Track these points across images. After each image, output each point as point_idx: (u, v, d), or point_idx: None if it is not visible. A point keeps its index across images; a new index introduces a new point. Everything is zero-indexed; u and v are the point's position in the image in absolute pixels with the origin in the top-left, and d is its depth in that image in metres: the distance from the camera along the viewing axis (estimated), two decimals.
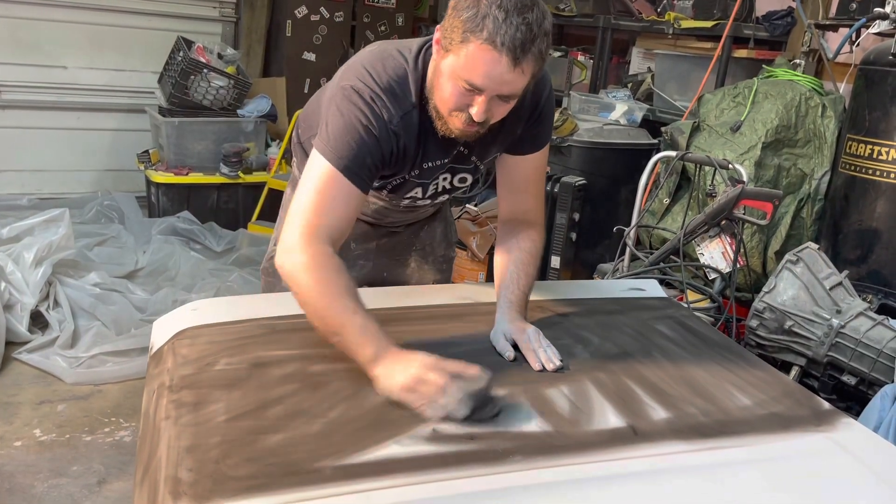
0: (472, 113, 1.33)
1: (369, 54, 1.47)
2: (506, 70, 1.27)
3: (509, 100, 1.35)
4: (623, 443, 1.16)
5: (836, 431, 1.25)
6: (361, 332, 1.27)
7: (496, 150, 1.60)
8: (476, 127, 1.37)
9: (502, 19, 1.23)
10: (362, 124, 1.39)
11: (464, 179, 1.66)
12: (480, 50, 1.25)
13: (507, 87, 1.30)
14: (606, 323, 1.60)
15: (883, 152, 2.64)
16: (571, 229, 3.51)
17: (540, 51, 1.28)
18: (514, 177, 1.62)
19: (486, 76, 1.28)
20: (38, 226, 3.32)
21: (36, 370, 2.90)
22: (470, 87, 1.30)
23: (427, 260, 1.97)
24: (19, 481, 2.29)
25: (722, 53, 3.71)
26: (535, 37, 1.26)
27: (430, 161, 1.54)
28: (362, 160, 1.39)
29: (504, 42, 1.24)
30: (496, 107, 1.34)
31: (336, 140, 1.39)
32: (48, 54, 4.65)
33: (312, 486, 1.00)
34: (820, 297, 2.32)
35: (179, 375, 1.27)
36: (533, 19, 1.26)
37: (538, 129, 1.57)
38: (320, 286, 1.31)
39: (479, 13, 1.25)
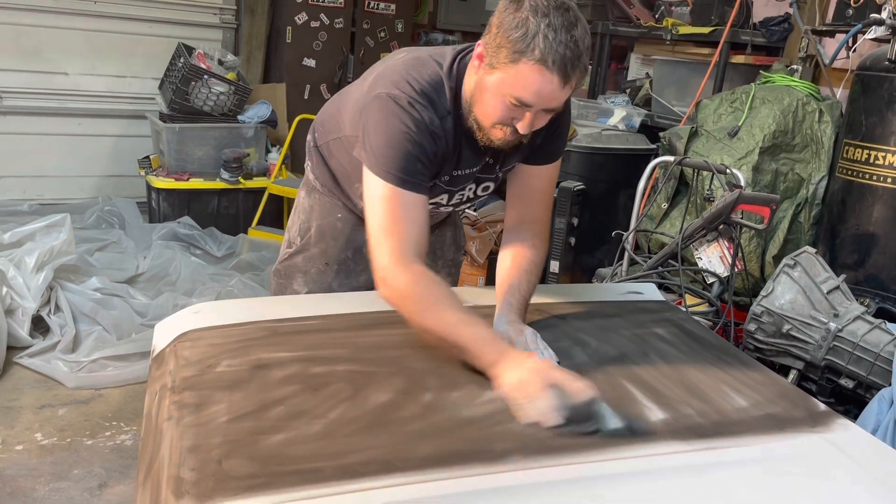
0: (518, 126, 1.38)
1: (403, 62, 1.50)
2: (556, 88, 1.32)
3: (553, 112, 1.40)
4: (620, 443, 1.17)
5: (831, 432, 1.26)
6: (478, 340, 1.32)
7: (516, 160, 1.63)
8: (518, 138, 1.42)
9: (552, 38, 1.28)
10: (404, 132, 1.41)
11: (486, 188, 1.70)
12: (532, 69, 1.30)
13: (554, 102, 1.36)
14: (604, 326, 1.61)
15: (880, 157, 2.65)
16: (570, 234, 3.52)
17: (585, 66, 1.33)
18: (527, 186, 1.65)
19: (536, 94, 1.33)
20: (40, 231, 3.34)
21: (37, 374, 2.91)
22: (518, 102, 1.35)
23: (437, 263, 1.98)
24: (20, 485, 2.30)
25: (719, 59, 3.73)
26: (581, 53, 1.31)
27: (461, 169, 1.57)
28: (414, 167, 1.42)
29: (555, 61, 1.28)
30: (539, 120, 1.40)
31: (383, 155, 1.42)
32: (49, 61, 4.67)
33: (313, 486, 1.01)
34: (817, 300, 2.33)
35: (181, 377, 1.28)
36: (579, 36, 1.30)
37: (556, 141, 1.61)
38: (426, 307, 1.36)
39: (529, 33, 1.28)
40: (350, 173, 1.75)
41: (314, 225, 1.87)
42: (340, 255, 1.87)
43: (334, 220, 1.85)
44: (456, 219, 2.05)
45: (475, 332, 1.33)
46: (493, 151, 1.55)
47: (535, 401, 1.19)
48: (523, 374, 1.23)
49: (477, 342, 1.32)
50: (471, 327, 1.33)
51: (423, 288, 1.38)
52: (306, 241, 1.88)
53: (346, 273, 1.88)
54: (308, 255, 1.88)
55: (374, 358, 1.38)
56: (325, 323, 1.52)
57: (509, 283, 1.55)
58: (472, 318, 1.34)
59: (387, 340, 1.46)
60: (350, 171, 1.74)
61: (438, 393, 1.27)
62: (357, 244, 1.86)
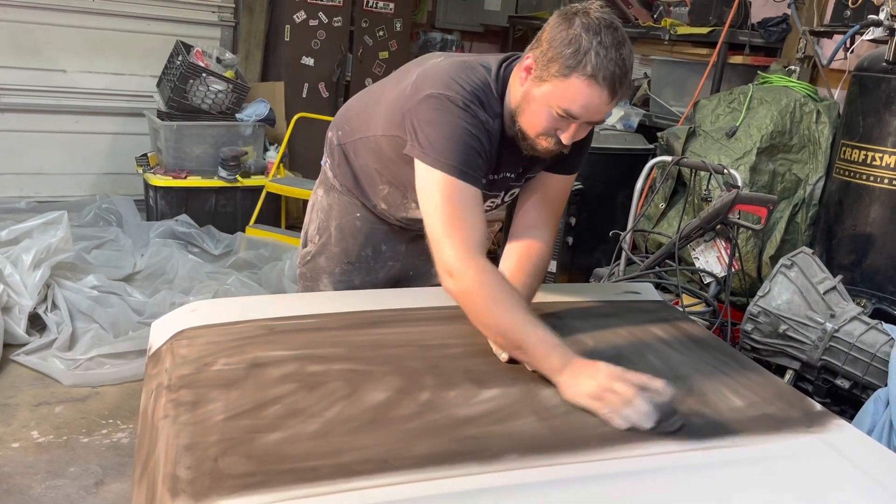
0: (562, 137, 1.44)
1: (450, 65, 1.53)
2: (605, 102, 1.38)
3: (595, 125, 1.48)
4: (616, 443, 1.17)
5: (827, 433, 1.26)
6: (543, 344, 1.31)
7: (539, 169, 1.66)
8: (560, 148, 1.48)
9: (604, 55, 1.34)
10: (464, 128, 1.44)
11: (513, 195, 1.73)
12: (583, 84, 1.36)
13: (599, 115, 1.42)
14: (601, 325, 1.62)
15: (877, 158, 2.66)
16: (568, 233, 3.53)
17: (630, 82, 1.42)
18: (543, 194, 1.67)
19: (584, 107, 1.39)
20: (37, 228, 3.33)
21: (34, 372, 2.91)
22: (565, 114, 1.40)
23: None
24: (17, 482, 2.30)
25: (717, 59, 3.74)
26: (627, 71, 1.38)
27: (499, 173, 1.61)
28: (474, 161, 1.45)
29: (605, 77, 1.35)
30: (581, 131, 1.46)
31: (443, 148, 1.43)
32: (47, 58, 4.66)
33: (309, 484, 1.01)
34: (814, 301, 2.34)
35: (178, 375, 1.28)
36: (626, 55, 1.37)
37: (579, 153, 1.64)
38: (494, 304, 1.36)
39: (582, 49, 1.34)
40: (374, 174, 1.76)
41: (334, 224, 1.88)
42: (361, 254, 1.89)
43: (353, 218, 1.86)
44: None
45: (540, 335, 1.32)
46: (528, 160, 1.59)
47: (630, 406, 1.20)
48: (603, 380, 1.23)
49: (541, 346, 1.31)
50: (536, 330, 1.32)
51: (491, 285, 1.38)
52: (326, 241, 1.89)
53: (367, 271, 1.91)
54: (329, 254, 1.90)
55: (371, 357, 1.38)
56: (322, 322, 1.52)
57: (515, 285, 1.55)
58: (536, 321, 1.34)
59: (383, 339, 1.46)
60: (376, 171, 1.75)
61: (435, 392, 1.27)
62: (375, 242, 1.88)
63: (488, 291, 1.37)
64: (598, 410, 1.22)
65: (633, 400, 1.20)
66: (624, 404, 1.20)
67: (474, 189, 1.44)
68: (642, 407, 1.19)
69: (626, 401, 1.20)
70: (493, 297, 1.36)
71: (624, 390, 1.21)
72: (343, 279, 1.90)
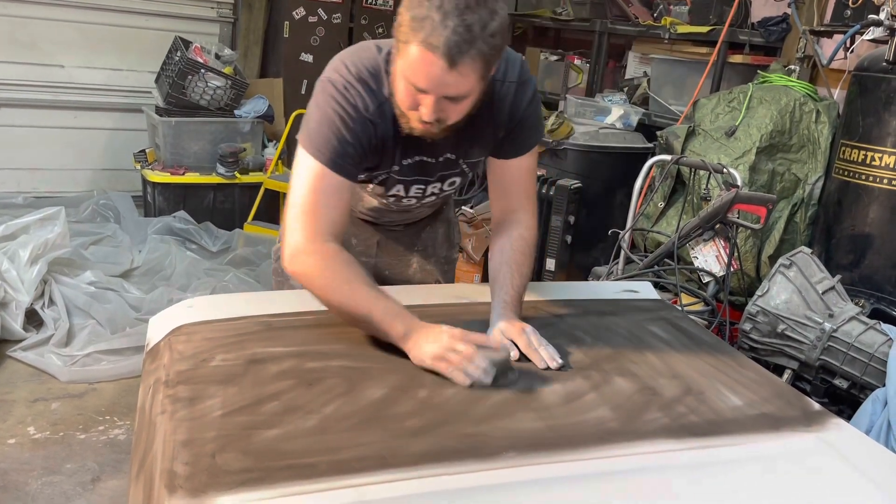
0: (422, 113, 1.35)
1: (349, 49, 1.50)
2: (443, 72, 1.27)
3: (459, 101, 1.35)
4: (615, 440, 1.17)
5: (825, 432, 1.26)
6: (387, 313, 1.35)
7: (479, 154, 1.62)
8: (431, 126, 1.38)
9: (439, 20, 1.23)
10: (338, 114, 1.41)
11: (453, 183, 1.69)
12: (419, 52, 1.27)
13: (449, 88, 1.31)
14: (600, 324, 1.61)
15: (876, 158, 2.66)
16: (567, 232, 3.53)
17: (481, 52, 1.27)
18: (503, 179, 1.64)
19: (425, 78, 1.29)
20: (34, 224, 3.32)
21: (30, 368, 2.90)
22: (416, 88, 1.32)
23: (429, 261, 1.97)
24: (13, 479, 2.29)
25: (717, 58, 3.73)
26: (474, 38, 1.25)
27: (411, 157, 1.55)
28: (343, 150, 1.42)
29: (439, 45, 1.24)
30: (448, 108, 1.35)
31: (316, 134, 1.42)
32: (45, 53, 4.65)
33: (307, 481, 1.00)
34: (813, 301, 2.34)
35: (175, 371, 1.28)
36: (474, 20, 1.24)
37: (521, 134, 1.57)
38: (337, 281, 1.38)
39: (421, 14, 1.25)
40: None
41: None
42: None
43: None
44: (449, 216, 2.04)
45: (384, 306, 1.36)
46: (453, 144, 1.53)
47: (471, 363, 1.27)
48: (446, 341, 1.29)
49: (387, 316, 1.35)
50: (380, 302, 1.36)
51: (336, 266, 1.39)
52: None
53: None
54: None
55: (369, 354, 1.38)
56: (320, 318, 1.51)
57: (500, 279, 1.54)
58: (381, 294, 1.38)
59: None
60: None
61: (433, 389, 1.27)
62: (345, 236, 1.85)
63: (329, 273, 1.39)
64: (443, 370, 1.29)
65: (474, 357, 1.27)
66: (464, 362, 1.27)
67: (340, 178, 1.43)
68: (482, 363, 1.27)
69: (468, 358, 1.27)
70: (332, 277, 1.38)
71: (464, 349, 1.28)
72: None
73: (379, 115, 1.45)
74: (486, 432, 1.16)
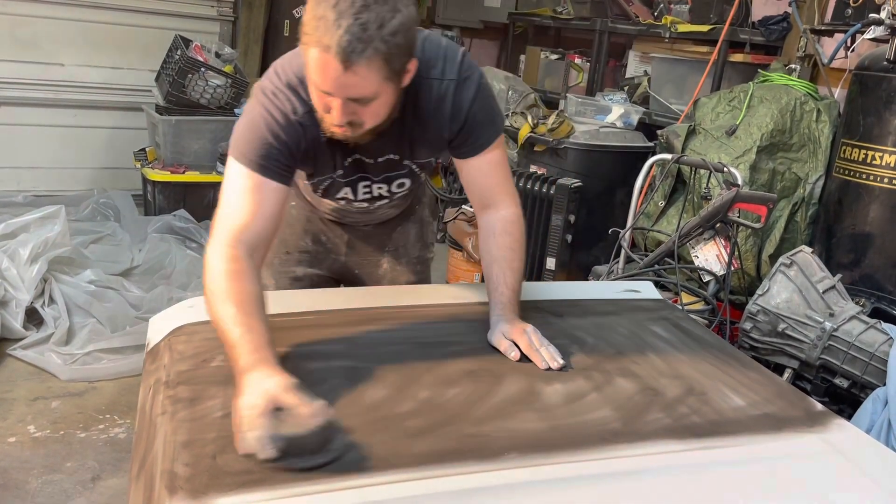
0: (332, 116, 1.31)
1: (283, 56, 1.49)
2: (340, 74, 1.23)
3: (366, 103, 1.30)
4: (617, 441, 1.16)
5: (828, 432, 1.26)
6: (238, 345, 1.20)
7: (427, 154, 1.58)
8: (346, 130, 1.34)
9: (333, 20, 1.19)
10: (263, 118, 1.40)
11: (402, 185, 1.65)
12: (316, 54, 1.23)
13: (350, 90, 1.26)
14: (601, 323, 1.61)
15: (877, 157, 2.65)
16: (567, 231, 3.52)
17: (379, 51, 1.22)
18: (471, 178, 1.59)
19: (325, 81, 1.26)
20: (34, 223, 3.32)
21: (30, 367, 2.90)
22: (321, 90, 1.29)
23: (400, 261, 1.94)
24: (13, 477, 2.29)
25: (718, 57, 3.73)
26: (370, 37, 1.20)
27: (349, 156, 1.52)
28: (267, 152, 1.39)
29: (331, 45, 1.20)
30: (358, 110, 1.31)
31: (241, 138, 1.41)
32: (45, 51, 4.64)
33: (308, 482, 1.00)
34: (813, 300, 2.34)
35: (176, 371, 1.27)
36: (370, 19, 1.20)
37: (474, 132, 1.52)
38: (217, 297, 1.28)
39: (318, 14, 1.21)
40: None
41: None
42: (300, 243, 1.87)
43: (289, 207, 1.83)
44: (423, 215, 1.99)
45: (241, 335, 1.20)
46: (396, 145, 1.51)
47: (249, 431, 1.04)
48: (252, 397, 1.08)
49: (237, 346, 1.19)
50: (239, 328, 1.21)
51: (223, 278, 1.29)
52: None
53: (309, 262, 1.88)
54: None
55: (371, 354, 1.37)
56: (321, 318, 1.51)
57: (493, 280, 1.53)
58: (248, 321, 1.23)
59: (383, 337, 1.46)
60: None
61: (435, 390, 1.27)
62: (314, 232, 1.86)
63: (216, 284, 1.29)
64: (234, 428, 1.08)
65: (257, 425, 1.04)
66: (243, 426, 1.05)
67: (264, 180, 1.38)
68: (261, 433, 1.04)
69: (249, 422, 1.05)
70: (219, 288, 1.28)
71: (258, 412, 1.05)
72: (283, 270, 1.87)
73: (308, 119, 1.41)
74: (487, 433, 1.16)
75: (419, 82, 1.42)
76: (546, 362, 1.37)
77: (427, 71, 1.44)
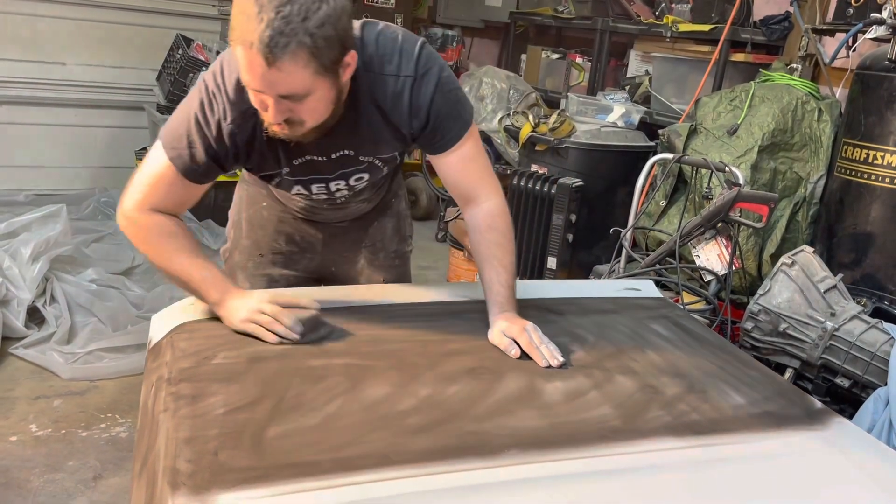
0: (268, 115, 1.29)
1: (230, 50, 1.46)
2: (264, 70, 1.19)
3: (300, 100, 1.26)
4: (617, 439, 1.17)
5: (828, 430, 1.26)
6: (204, 281, 1.42)
7: (390, 149, 1.54)
8: (284, 128, 1.32)
9: (255, 15, 1.16)
10: (196, 118, 1.39)
11: (360, 179, 1.61)
12: (241, 52, 1.20)
13: (278, 87, 1.23)
14: (602, 322, 1.61)
15: (878, 157, 2.65)
16: (568, 230, 3.52)
17: (304, 45, 1.18)
18: (447, 173, 1.56)
19: (252, 78, 1.23)
20: (36, 221, 3.33)
21: (32, 365, 2.90)
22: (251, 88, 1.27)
23: (378, 256, 1.92)
24: (15, 476, 2.29)
25: (719, 57, 3.73)
26: (294, 31, 1.16)
27: (300, 157, 1.49)
28: (191, 153, 1.40)
29: (254, 41, 1.17)
30: (295, 108, 1.28)
31: (172, 130, 1.42)
32: (47, 51, 4.65)
33: (310, 478, 1.00)
34: (814, 300, 2.34)
35: (178, 368, 1.28)
36: (293, 11, 1.16)
37: (440, 128, 1.48)
38: (160, 249, 1.45)
39: (240, 10, 1.19)
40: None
41: (244, 216, 1.86)
42: (273, 245, 1.85)
43: (260, 208, 1.83)
44: (399, 209, 1.96)
45: (203, 273, 1.42)
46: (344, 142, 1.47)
47: (276, 323, 1.36)
48: (254, 304, 1.38)
49: (203, 283, 1.42)
50: (200, 270, 1.42)
51: (158, 236, 1.44)
52: (237, 234, 1.87)
53: (283, 263, 1.86)
54: (242, 248, 1.86)
55: (372, 351, 1.38)
56: (322, 316, 1.51)
57: (486, 279, 1.52)
58: (199, 262, 1.43)
59: (384, 334, 1.46)
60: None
61: (435, 387, 1.27)
62: (287, 233, 1.84)
63: (157, 240, 1.44)
64: (251, 331, 1.37)
65: (280, 317, 1.35)
66: (271, 323, 1.35)
67: (180, 177, 1.42)
68: (287, 321, 1.36)
69: (272, 320, 1.35)
70: (160, 244, 1.44)
71: (271, 310, 1.36)
72: (257, 273, 1.85)
73: (241, 122, 1.39)
74: (488, 430, 1.16)
75: (374, 78, 1.40)
76: (546, 360, 1.37)
77: (381, 67, 1.41)
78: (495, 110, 4.71)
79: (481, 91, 4.80)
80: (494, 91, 4.76)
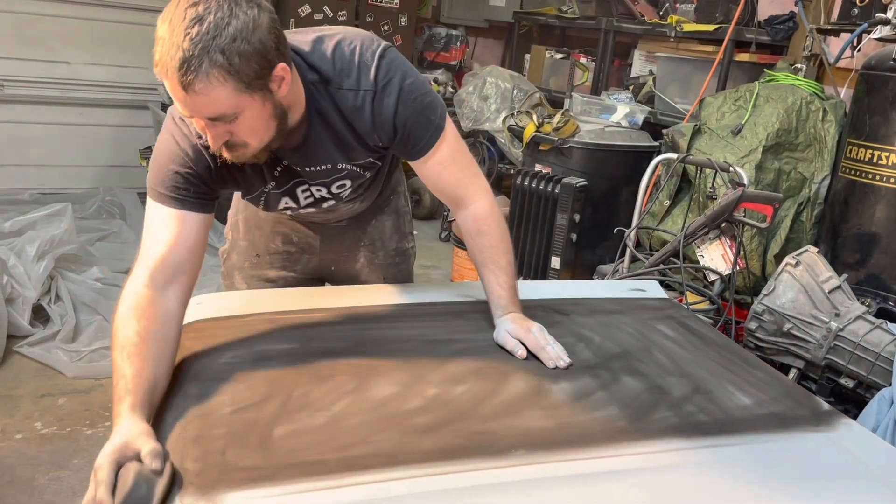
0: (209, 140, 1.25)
1: None
2: (184, 96, 1.15)
3: (231, 120, 1.21)
4: (624, 439, 1.17)
5: (835, 432, 1.26)
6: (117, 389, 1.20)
7: (364, 156, 1.50)
8: (225, 152, 1.27)
9: (166, 40, 1.14)
10: (170, 149, 1.34)
11: (342, 186, 1.57)
12: (160, 76, 1.16)
13: (203, 109, 1.18)
14: (607, 322, 1.61)
15: (883, 157, 2.65)
16: (572, 230, 3.52)
17: (216, 62, 1.13)
18: (427, 180, 1.54)
19: (178, 104, 1.19)
20: (41, 220, 3.33)
21: (37, 363, 2.91)
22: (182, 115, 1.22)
23: (377, 255, 1.90)
24: (20, 474, 2.30)
25: (724, 57, 3.73)
26: (206, 50, 1.12)
27: (279, 165, 1.46)
28: (177, 183, 1.33)
29: (168, 68, 1.13)
30: (231, 129, 1.23)
31: (152, 174, 1.36)
32: (51, 49, 4.65)
33: (317, 478, 1.00)
34: (819, 300, 2.33)
35: (185, 367, 1.28)
36: (201, 31, 1.12)
37: (411, 138, 1.44)
38: (114, 340, 1.27)
39: (157, 35, 1.16)
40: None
41: (241, 217, 1.85)
42: (270, 246, 1.83)
43: (255, 209, 1.78)
44: (398, 206, 1.93)
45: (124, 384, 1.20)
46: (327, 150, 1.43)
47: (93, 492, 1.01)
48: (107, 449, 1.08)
49: (116, 390, 1.20)
50: (123, 380, 1.20)
51: (123, 322, 1.27)
52: (235, 235, 1.86)
53: (281, 264, 1.85)
54: (239, 249, 1.85)
55: (378, 351, 1.38)
56: (329, 315, 1.52)
57: (486, 282, 1.52)
58: (132, 370, 1.20)
59: (390, 334, 1.46)
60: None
61: (442, 387, 1.27)
62: (283, 233, 1.82)
63: (116, 325, 1.28)
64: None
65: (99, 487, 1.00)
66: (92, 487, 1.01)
67: (173, 211, 1.33)
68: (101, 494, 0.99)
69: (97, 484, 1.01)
70: (116, 333, 1.27)
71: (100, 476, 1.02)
72: (254, 274, 1.84)
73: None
74: (494, 430, 1.16)
75: (334, 93, 1.37)
76: (553, 361, 1.37)
77: (340, 81, 1.37)
78: (499, 110, 4.71)
79: (485, 91, 4.80)
80: (498, 91, 4.76)
